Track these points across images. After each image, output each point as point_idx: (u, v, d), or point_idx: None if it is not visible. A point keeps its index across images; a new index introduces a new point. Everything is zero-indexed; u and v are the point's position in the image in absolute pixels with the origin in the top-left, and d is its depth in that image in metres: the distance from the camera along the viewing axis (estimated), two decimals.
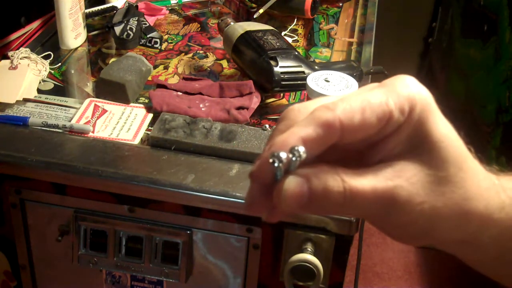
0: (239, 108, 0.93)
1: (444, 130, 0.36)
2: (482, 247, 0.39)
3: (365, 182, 0.34)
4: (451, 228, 0.37)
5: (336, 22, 1.29)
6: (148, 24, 1.17)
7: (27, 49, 1.05)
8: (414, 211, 0.35)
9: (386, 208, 0.35)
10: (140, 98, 0.98)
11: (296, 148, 0.33)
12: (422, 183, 0.35)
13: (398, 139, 0.36)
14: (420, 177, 0.35)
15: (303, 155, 0.33)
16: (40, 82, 1.00)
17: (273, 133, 0.37)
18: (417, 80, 0.36)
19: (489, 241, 0.39)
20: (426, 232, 0.37)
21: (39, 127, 0.88)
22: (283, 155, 0.33)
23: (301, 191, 0.33)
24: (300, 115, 0.36)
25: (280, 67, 0.95)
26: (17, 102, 0.94)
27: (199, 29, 1.24)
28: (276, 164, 0.33)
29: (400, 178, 0.35)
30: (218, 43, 1.16)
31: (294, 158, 0.33)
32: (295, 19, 1.27)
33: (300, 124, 0.34)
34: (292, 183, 0.33)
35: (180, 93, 0.97)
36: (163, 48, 1.15)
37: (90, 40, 1.17)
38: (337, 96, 0.36)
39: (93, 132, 0.88)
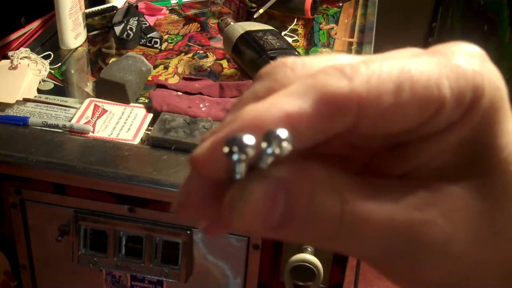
0: None
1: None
2: None
3: (378, 207, 0.21)
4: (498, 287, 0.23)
5: (336, 22, 1.29)
6: (148, 24, 1.17)
7: (27, 49, 1.05)
8: (447, 262, 0.22)
9: (404, 253, 0.21)
10: (140, 98, 0.98)
11: (275, 133, 0.19)
12: (468, 222, 0.22)
13: (443, 146, 0.22)
14: (466, 213, 0.22)
15: (286, 148, 0.19)
16: (40, 82, 1.00)
17: (243, 97, 0.23)
18: (486, 54, 0.23)
19: None
20: None
21: (39, 127, 0.88)
22: (249, 141, 0.19)
23: (271, 204, 0.20)
24: (293, 77, 0.22)
25: None
26: (17, 102, 0.94)
27: (199, 29, 1.23)
28: (235, 158, 0.19)
29: (434, 210, 0.21)
30: (218, 43, 1.16)
31: (269, 150, 0.19)
32: (295, 19, 1.27)
33: (291, 90, 0.21)
34: (258, 190, 0.20)
35: (180, 93, 0.97)
36: (163, 48, 1.15)
37: (90, 40, 1.17)
38: (358, 57, 0.23)
39: (93, 132, 0.88)
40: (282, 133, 0.19)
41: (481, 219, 0.22)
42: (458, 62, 0.21)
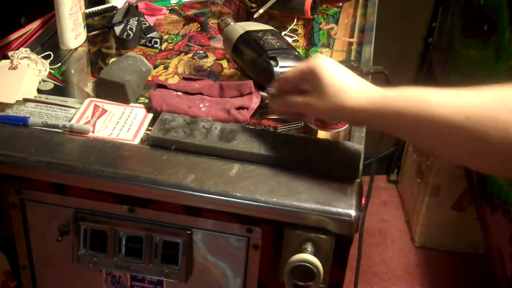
0: (239, 108, 0.93)
1: (329, 77, 0.75)
2: (361, 124, 0.86)
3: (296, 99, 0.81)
4: (332, 115, 0.81)
5: (336, 22, 1.29)
6: (148, 24, 1.17)
7: (27, 49, 1.05)
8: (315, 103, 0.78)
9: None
10: (140, 98, 0.98)
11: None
12: (317, 95, 0.76)
13: (306, 86, 0.79)
14: (317, 93, 0.76)
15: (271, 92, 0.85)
16: (40, 82, 1.00)
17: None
18: (323, 56, 0.79)
19: (363, 122, 0.80)
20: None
21: (39, 127, 0.88)
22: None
23: (281, 107, 0.85)
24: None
25: (280, 67, 0.95)
26: (17, 102, 0.94)
27: (199, 29, 1.24)
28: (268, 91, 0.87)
29: (312, 94, 0.78)
30: (218, 43, 1.16)
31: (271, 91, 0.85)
32: (295, 19, 1.27)
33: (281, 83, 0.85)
34: (274, 103, 0.87)
35: (180, 93, 0.97)
36: (163, 48, 1.15)
37: (90, 40, 1.17)
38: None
39: (93, 132, 0.88)
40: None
41: (321, 94, 0.76)
42: (308, 61, 0.79)
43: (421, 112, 0.67)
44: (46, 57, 1.07)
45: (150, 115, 0.93)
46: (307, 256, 0.78)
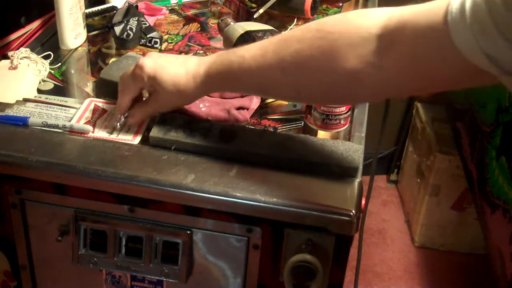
0: (239, 108, 0.93)
1: (159, 75, 0.83)
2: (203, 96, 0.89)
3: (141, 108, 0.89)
4: (177, 105, 0.88)
5: None
6: (148, 24, 1.17)
7: (27, 49, 1.05)
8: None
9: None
10: None
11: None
12: (158, 95, 0.85)
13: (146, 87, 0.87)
14: (158, 93, 0.85)
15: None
16: (40, 82, 1.00)
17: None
18: (142, 58, 0.86)
19: (203, 95, 0.88)
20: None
21: (39, 127, 0.88)
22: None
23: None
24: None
25: None
26: (17, 102, 0.94)
27: (199, 29, 1.24)
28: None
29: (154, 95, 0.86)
30: (218, 43, 1.16)
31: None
32: (295, 19, 1.27)
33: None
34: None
35: None
36: (163, 48, 1.15)
37: (90, 40, 1.17)
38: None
39: (93, 132, 0.88)
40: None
41: (157, 92, 0.86)
42: (135, 69, 0.85)
43: (237, 72, 0.78)
44: (46, 57, 1.07)
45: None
46: (307, 256, 0.78)
